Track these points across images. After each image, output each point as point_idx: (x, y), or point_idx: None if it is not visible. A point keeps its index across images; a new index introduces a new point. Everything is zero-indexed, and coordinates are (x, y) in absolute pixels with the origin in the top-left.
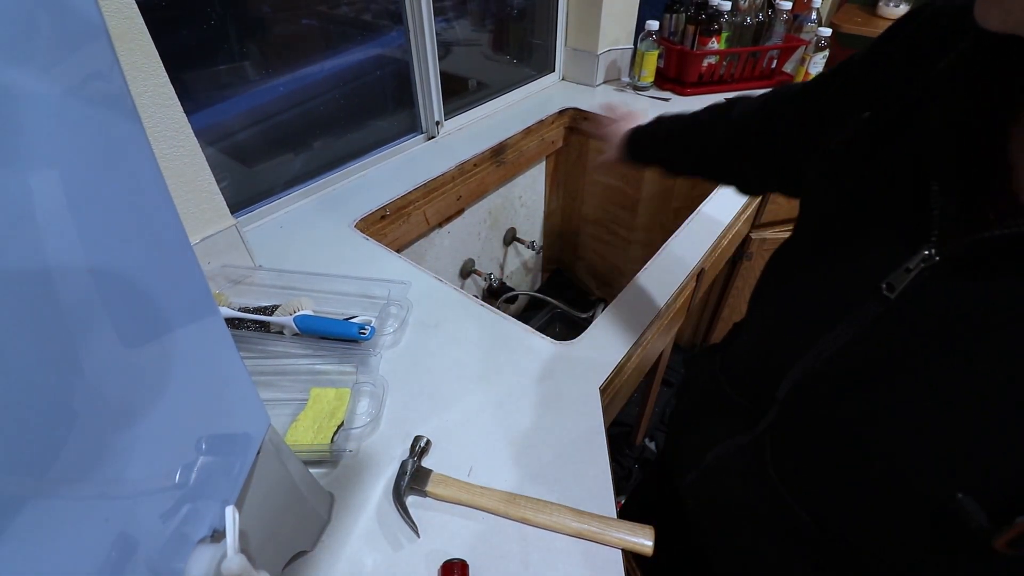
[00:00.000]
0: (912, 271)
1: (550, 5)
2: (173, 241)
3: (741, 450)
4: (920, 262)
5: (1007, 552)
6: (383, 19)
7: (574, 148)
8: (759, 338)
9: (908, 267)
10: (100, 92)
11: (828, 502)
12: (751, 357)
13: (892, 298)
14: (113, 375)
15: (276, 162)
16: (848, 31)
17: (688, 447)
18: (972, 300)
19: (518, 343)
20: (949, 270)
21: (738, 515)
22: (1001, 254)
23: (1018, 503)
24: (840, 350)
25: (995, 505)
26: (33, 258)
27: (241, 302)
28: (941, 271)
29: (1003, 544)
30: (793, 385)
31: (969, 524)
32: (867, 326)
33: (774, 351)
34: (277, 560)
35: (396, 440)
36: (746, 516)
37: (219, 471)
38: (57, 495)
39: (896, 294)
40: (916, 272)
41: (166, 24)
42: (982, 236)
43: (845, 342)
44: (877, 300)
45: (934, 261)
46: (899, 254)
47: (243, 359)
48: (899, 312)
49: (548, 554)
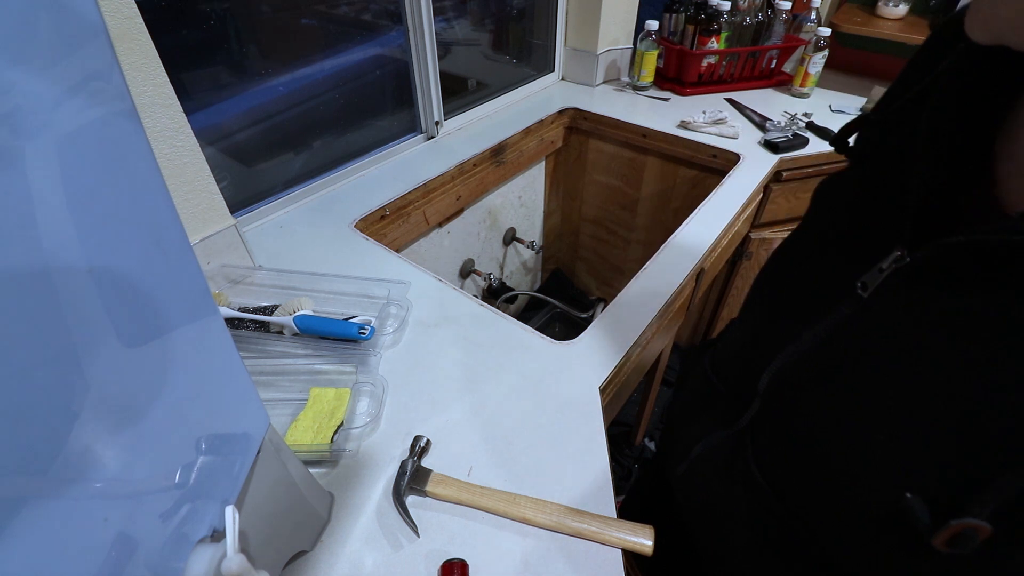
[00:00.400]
0: (885, 271)
1: (550, 5)
2: (173, 241)
3: (724, 442)
4: (892, 262)
5: (946, 551)
6: (383, 19)
7: (574, 148)
8: (747, 334)
9: (882, 267)
10: (100, 92)
11: (799, 495)
12: (739, 353)
13: (865, 297)
14: (113, 375)
15: (276, 162)
16: (848, 31)
17: (680, 440)
18: (933, 305)
19: (518, 343)
20: (917, 273)
21: (721, 507)
22: (967, 261)
23: (959, 504)
24: (814, 346)
25: (940, 505)
26: (33, 258)
27: (241, 302)
28: (911, 273)
29: (941, 543)
30: (771, 379)
31: (914, 523)
32: (840, 324)
33: (759, 346)
34: (277, 560)
35: (396, 440)
36: (729, 508)
37: (219, 471)
38: (57, 495)
39: (869, 293)
40: (888, 272)
41: (166, 24)
42: (947, 241)
43: (820, 339)
44: (851, 299)
45: (904, 262)
46: (876, 253)
47: (243, 359)
48: (869, 311)
49: (548, 554)
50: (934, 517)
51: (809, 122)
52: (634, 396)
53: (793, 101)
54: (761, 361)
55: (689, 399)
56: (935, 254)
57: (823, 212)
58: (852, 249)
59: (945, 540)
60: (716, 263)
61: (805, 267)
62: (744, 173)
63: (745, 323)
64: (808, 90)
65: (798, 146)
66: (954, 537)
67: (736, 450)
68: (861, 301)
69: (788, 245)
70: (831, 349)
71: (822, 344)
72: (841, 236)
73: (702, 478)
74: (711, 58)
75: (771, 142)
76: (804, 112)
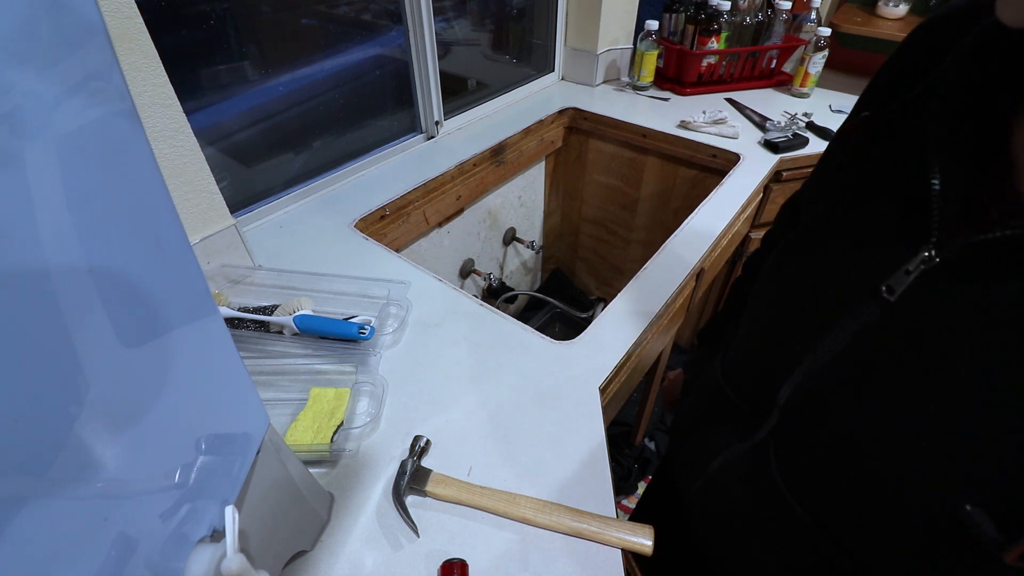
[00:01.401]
0: (912, 273)
1: (550, 5)
2: (173, 241)
3: (745, 456)
4: (920, 264)
5: (1018, 565)
6: (383, 19)
7: (574, 148)
8: (759, 342)
9: (908, 269)
10: (100, 92)
11: (831, 509)
12: (751, 361)
13: (892, 300)
14: (112, 375)
15: (276, 162)
16: (847, 31)
17: (693, 453)
18: (974, 303)
19: (518, 343)
20: (949, 272)
21: (744, 522)
22: (1003, 255)
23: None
24: (839, 354)
25: (1003, 516)
26: (33, 258)
27: (241, 302)
28: (941, 273)
29: (1015, 558)
30: (793, 390)
31: (978, 537)
32: (866, 329)
33: (774, 355)
34: (277, 560)
35: (396, 440)
36: (752, 522)
37: (219, 471)
38: (57, 495)
39: (896, 297)
40: (916, 274)
41: (166, 24)
42: (983, 237)
43: (844, 346)
44: (876, 303)
45: (934, 263)
46: (899, 256)
47: (243, 359)
48: (899, 315)
49: (548, 554)
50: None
51: (809, 122)
52: (634, 396)
53: (793, 101)
54: (777, 372)
55: (698, 407)
56: (969, 252)
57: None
58: (865, 251)
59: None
60: (716, 263)
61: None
62: (744, 173)
63: (753, 331)
64: (808, 90)
65: (798, 146)
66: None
67: (757, 464)
68: (888, 305)
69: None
70: (857, 357)
71: (845, 352)
72: (852, 240)
73: (722, 493)
74: (711, 58)
75: (771, 142)
76: (804, 112)
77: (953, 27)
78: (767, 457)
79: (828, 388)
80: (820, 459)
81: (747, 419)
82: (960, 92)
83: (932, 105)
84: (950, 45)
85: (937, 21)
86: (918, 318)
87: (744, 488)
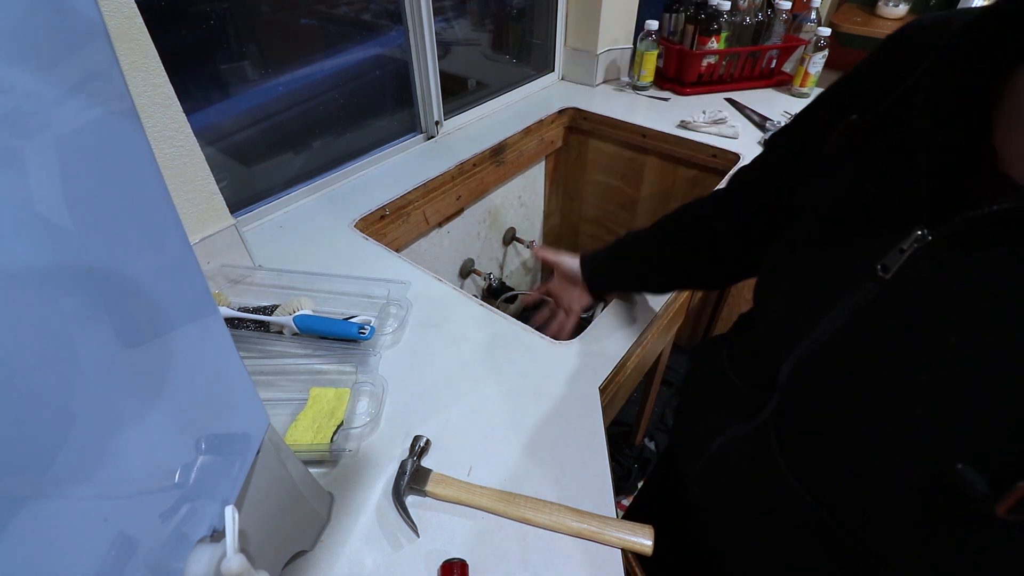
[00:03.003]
0: (906, 251)
1: (549, 5)
2: (172, 241)
3: (747, 436)
4: (913, 242)
5: (1009, 518)
6: (383, 19)
7: (573, 148)
8: (763, 328)
9: (902, 248)
10: (100, 92)
11: (831, 484)
12: (756, 346)
13: (887, 278)
14: (112, 375)
15: (276, 162)
16: (847, 31)
17: (695, 436)
18: (963, 276)
19: (517, 343)
20: (942, 249)
21: (744, 502)
22: (993, 230)
23: (1016, 469)
24: (836, 332)
25: (994, 472)
26: (33, 258)
27: (241, 302)
28: (934, 250)
29: (1005, 510)
30: (792, 369)
31: (970, 493)
32: (863, 307)
33: (776, 338)
34: (277, 560)
35: (396, 440)
36: (752, 502)
37: (219, 471)
38: (57, 495)
39: (891, 274)
40: (910, 252)
41: (166, 24)
42: (972, 214)
43: (841, 324)
44: (873, 281)
45: (927, 241)
46: (893, 236)
47: (243, 359)
48: (893, 292)
49: (548, 554)
50: (992, 484)
51: None
52: (634, 396)
53: (793, 101)
54: (779, 353)
55: (700, 394)
56: (960, 228)
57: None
58: (862, 237)
59: (1009, 507)
60: None
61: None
62: None
63: (758, 322)
64: (808, 90)
65: None
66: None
67: (759, 444)
68: (883, 283)
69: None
70: (855, 333)
71: (843, 330)
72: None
73: (723, 473)
74: (711, 58)
75: None
76: None
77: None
78: (768, 437)
79: (826, 366)
80: (819, 435)
81: (749, 401)
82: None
83: (916, 100)
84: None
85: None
86: (911, 294)
87: (744, 468)
